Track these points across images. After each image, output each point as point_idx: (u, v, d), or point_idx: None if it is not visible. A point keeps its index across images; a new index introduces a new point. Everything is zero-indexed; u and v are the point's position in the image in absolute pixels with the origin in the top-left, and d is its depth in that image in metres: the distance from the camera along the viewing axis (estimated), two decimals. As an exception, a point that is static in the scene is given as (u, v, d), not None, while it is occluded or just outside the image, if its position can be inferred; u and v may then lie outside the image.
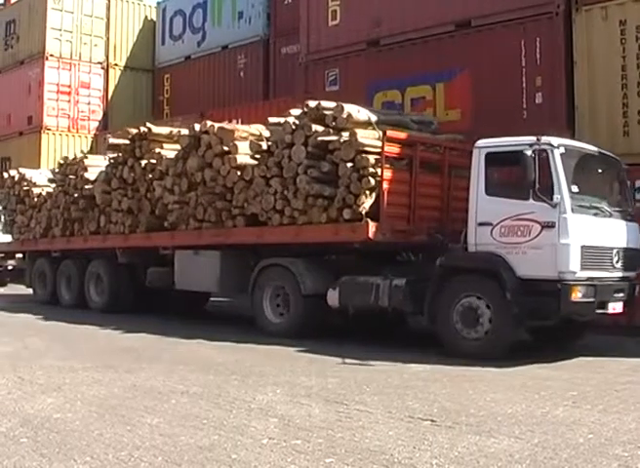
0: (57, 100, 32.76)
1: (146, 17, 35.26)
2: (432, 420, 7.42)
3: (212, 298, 19.57)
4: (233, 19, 29.82)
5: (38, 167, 31.17)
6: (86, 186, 19.20)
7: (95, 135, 33.12)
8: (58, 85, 32.84)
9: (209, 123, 15.39)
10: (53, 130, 32.56)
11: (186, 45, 32.16)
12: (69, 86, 33.15)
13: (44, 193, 21.45)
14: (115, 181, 17.96)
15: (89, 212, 19.31)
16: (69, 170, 20.21)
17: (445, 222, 13.52)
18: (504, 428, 7.11)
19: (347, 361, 11.19)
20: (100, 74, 33.97)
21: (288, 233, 14.04)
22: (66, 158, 21.24)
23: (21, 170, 23.59)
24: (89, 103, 33.59)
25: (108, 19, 34.36)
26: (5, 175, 23.45)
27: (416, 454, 6.26)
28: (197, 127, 15.46)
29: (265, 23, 28.41)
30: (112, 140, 18.44)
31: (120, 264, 18.62)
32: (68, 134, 32.90)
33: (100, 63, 34.00)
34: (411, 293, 12.46)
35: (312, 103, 13.67)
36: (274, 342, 12.95)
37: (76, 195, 19.58)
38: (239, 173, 14.58)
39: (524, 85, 16.15)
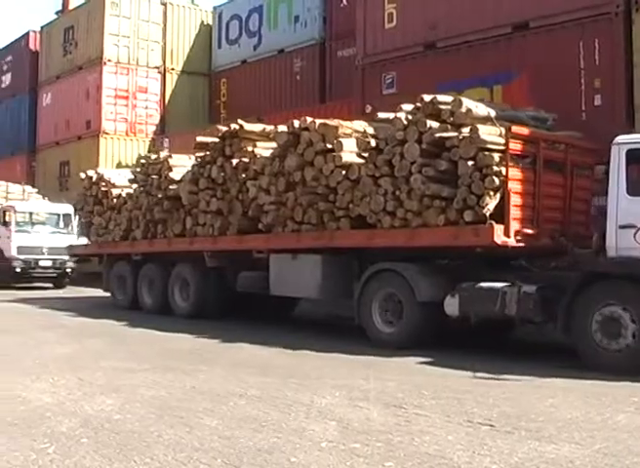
0: (114, 105, 33.17)
1: (202, 21, 35.51)
2: (491, 425, 7.34)
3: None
4: (289, 22, 29.93)
5: (96, 171, 31.65)
6: (171, 187, 18.26)
7: (152, 138, 33.44)
8: (115, 90, 33.26)
9: (309, 119, 14.37)
10: (111, 134, 32.96)
11: (243, 49, 32.34)
12: (127, 90, 33.55)
13: (124, 194, 20.53)
14: (203, 181, 16.98)
15: (173, 213, 18.29)
16: (152, 169, 19.25)
17: (567, 225, 12.66)
18: (564, 434, 7.01)
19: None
20: (157, 79, 34.32)
21: (400, 236, 12.98)
22: (148, 157, 20.34)
23: (99, 170, 23.09)
24: (146, 108, 33.96)
25: (165, 25, 34.72)
26: (82, 175, 22.77)
27: (475, 459, 6.20)
28: (296, 123, 14.54)
29: (321, 27, 28.47)
30: (200, 139, 17.55)
31: (208, 268, 17.66)
32: (126, 138, 33.29)
33: (157, 68, 34.34)
34: (542, 301, 11.42)
35: (427, 97, 12.78)
36: (330, 347, 12.81)
37: (160, 196, 18.58)
38: (344, 172, 13.61)
39: (582, 87, 15.92)
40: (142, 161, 20.45)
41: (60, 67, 36.10)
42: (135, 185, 20.13)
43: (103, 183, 21.55)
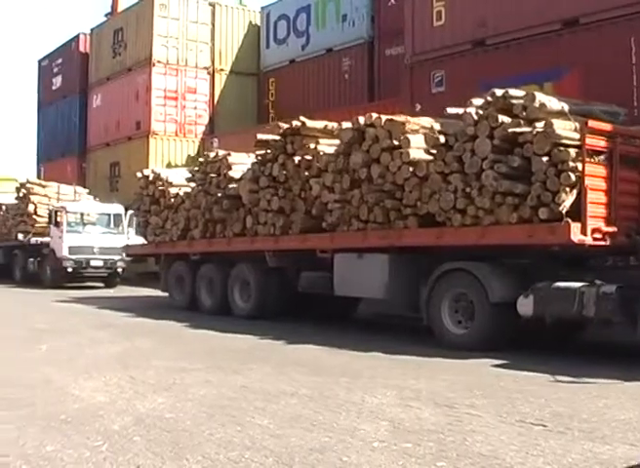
0: (164, 106, 33.41)
1: (250, 21, 35.65)
2: (544, 425, 7.26)
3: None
4: (337, 21, 29.94)
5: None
6: (230, 185, 17.96)
7: (201, 139, 33.62)
8: (165, 90, 33.50)
9: (374, 115, 14.05)
10: (160, 134, 33.20)
11: (291, 48, 32.41)
12: (176, 91, 33.78)
13: (181, 193, 20.21)
14: (264, 180, 16.72)
15: (233, 212, 17.99)
16: (210, 168, 18.92)
17: None
18: (619, 434, 6.90)
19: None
20: (206, 79, 34.51)
21: (471, 234, 12.64)
22: (207, 155, 19.84)
23: (156, 169, 22.94)
24: (195, 108, 34.16)
25: (213, 25, 34.90)
26: (138, 174, 22.50)
27: (528, 460, 6.12)
28: (361, 119, 14.21)
29: (369, 25, 28.45)
30: (260, 136, 17.12)
31: (269, 268, 17.32)
32: (175, 138, 33.52)
33: (206, 69, 34.53)
34: (622, 302, 10.96)
35: (499, 92, 12.42)
36: (386, 347, 12.67)
37: (219, 195, 18.25)
38: (411, 168, 13.23)
39: (634, 83, 15.75)
40: (201, 159, 20.16)
41: (109, 69, 36.46)
42: (193, 184, 19.90)
43: (160, 182, 21.30)
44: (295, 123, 16.33)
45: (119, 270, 28.97)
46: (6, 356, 11.68)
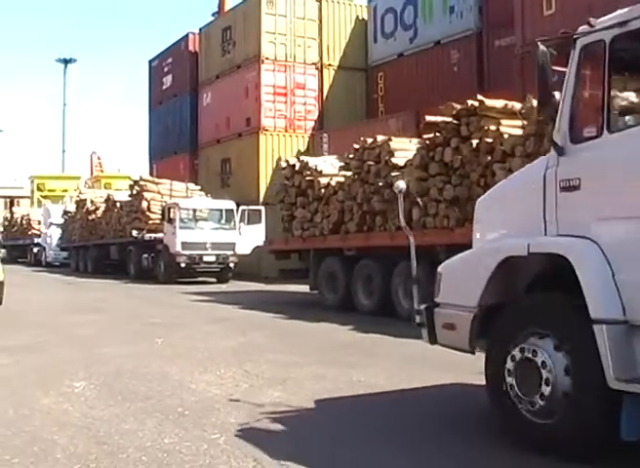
0: (273, 102, 33.59)
1: (357, 16, 35.58)
2: None
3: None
4: (444, 13, 29.62)
5: (257, 168, 32.21)
6: (392, 173, 16.34)
7: (311, 134, 33.72)
8: (274, 87, 33.69)
9: None
10: (270, 130, 33.39)
11: (398, 42, 32.22)
12: (285, 87, 33.93)
13: (333, 183, 18.96)
14: (434, 166, 15.35)
15: (395, 203, 16.31)
16: (368, 155, 17.56)
17: None
18: None
19: None
20: (315, 75, 34.55)
21: None
22: (364, 141, 18.10)
23: (303, 158, 21.50)
24: (304, 104, 34.24)
25: (320, 21, 34.91)
26: (282, 164, 21.51)
27: None
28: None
29: (477, 17, 28.06)
30: (429, 118, 15.89)
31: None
32: (285, 134, 33.66)
33: (315, 64, 34.58)
34: None
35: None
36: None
37: (380, 184, 16.75)
38: None
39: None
40: (356, 146, 18.36)
41: (219, 67, 36.87)
42: (346, 173, 18.58)
43: (308, 172, 20.05)
44: (471, 102, 14.95)
45: (231, 265, 29.23)
46: (124, 350, 11.92)
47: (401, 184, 8.92)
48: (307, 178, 19.98)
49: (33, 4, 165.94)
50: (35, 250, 49.42)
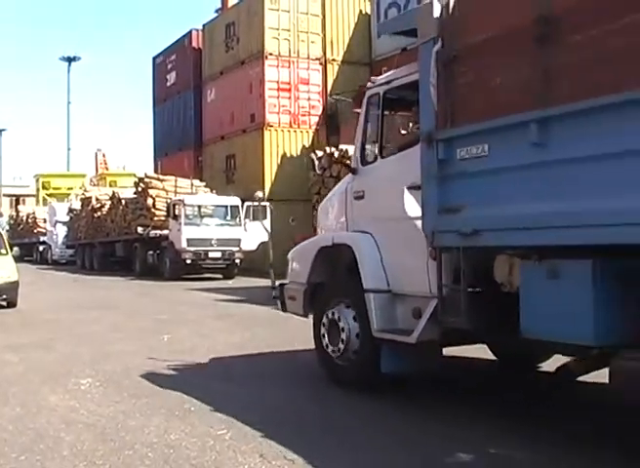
0: (277, 98, 33.53)
1: (361, 10, 35.46)
2: None
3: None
4: (448, 7, 29.53)
5: (261, 164, 32.18)
6: None
7: (315, 129, 33.67)
8: (278, 82, 33.62)
9: None
10: (275, 126, 33.34)
11: (402, 36, 32.07)
12: (289, 83, 33.88)
13: None
14: None
15: None
16: None
17: None
18: None
19: None
20: (319, 70, 34.50)
21: None
22: None
23: (342, 146, 20.93)
24: (309, 99, 34.19)
25: (324, 16, 34.84)
26: (318, 153, 20.92)
27: None
28: None
29: (481, 10, 27.97)
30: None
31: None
32: (290, 129, 33.61)
33: (318, 59, 34.52)
34: None
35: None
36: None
37: None
38: None
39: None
40: (403, 132, 17.01)
41: (222, 63, 36.84)
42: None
43: (349, 161, 18.96)
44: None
45: (237, 261, 29.22)
46: (131, 346, 11.95)
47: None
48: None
49: (38, 3, 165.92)
50: (41, 248, 49.47)
